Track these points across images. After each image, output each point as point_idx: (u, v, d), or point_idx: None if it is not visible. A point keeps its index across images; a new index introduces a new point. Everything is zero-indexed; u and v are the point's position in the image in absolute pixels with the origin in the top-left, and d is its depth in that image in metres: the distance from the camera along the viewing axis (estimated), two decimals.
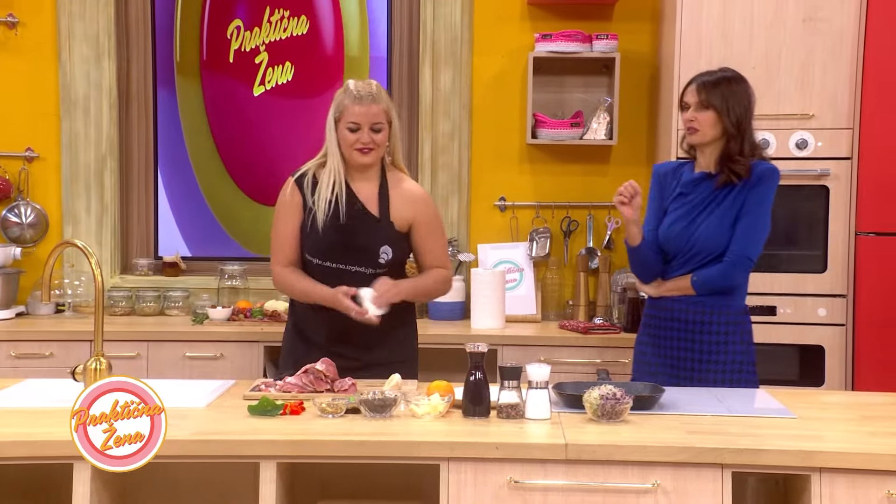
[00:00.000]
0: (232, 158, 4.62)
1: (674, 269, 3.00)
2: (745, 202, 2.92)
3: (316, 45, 4.56)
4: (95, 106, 4.41)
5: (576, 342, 3.84)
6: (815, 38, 3.71)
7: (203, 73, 4.59)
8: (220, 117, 4.62)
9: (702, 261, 2.94)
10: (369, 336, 2.95)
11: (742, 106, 2.94)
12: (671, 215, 3.01)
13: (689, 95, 2.97)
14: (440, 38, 4.33)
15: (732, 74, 2.99)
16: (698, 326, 2.93)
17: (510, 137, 4.36)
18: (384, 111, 2.96)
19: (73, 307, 4.28)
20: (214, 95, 4.60)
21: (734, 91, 2.94)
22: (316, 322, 3.00)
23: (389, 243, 2.98)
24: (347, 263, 2.97)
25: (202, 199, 4.62)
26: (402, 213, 3.01)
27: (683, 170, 3.07)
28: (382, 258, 2.97)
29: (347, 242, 2.96)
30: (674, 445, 2.19)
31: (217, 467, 2.47)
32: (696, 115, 2.94)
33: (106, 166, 4.43)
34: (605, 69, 4.25)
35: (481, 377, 2.41)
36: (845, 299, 3.75)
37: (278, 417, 2.41)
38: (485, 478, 2.20)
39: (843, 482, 2.15)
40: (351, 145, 2.93)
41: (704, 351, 2.93)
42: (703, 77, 2.99)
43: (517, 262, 4.28)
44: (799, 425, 2.39)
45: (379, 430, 2.30)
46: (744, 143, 2.93)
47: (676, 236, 2.97)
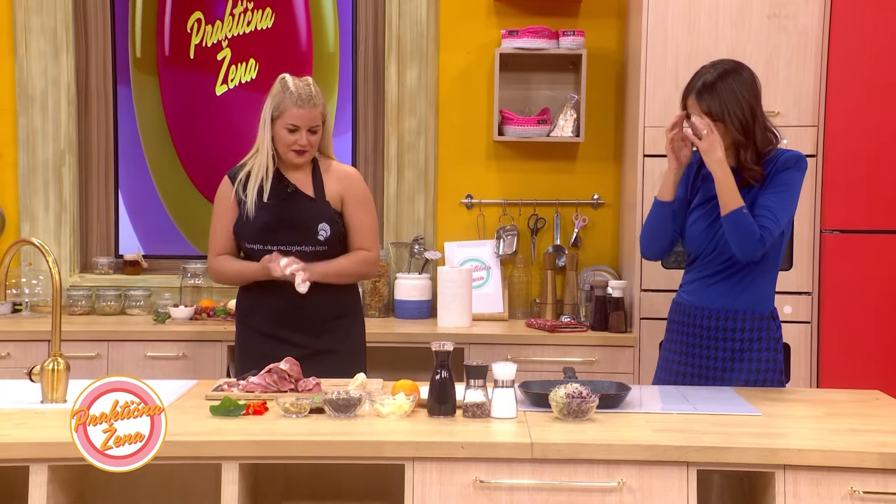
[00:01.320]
0: (192, 161, 4.54)
1: (696, 269, 2.89)
2: (769, 184, 2.76)
3: (283, 40, 4.49)
4: (53, 101, 4.36)
5: (543, 340, 3.86)
6: (780, 35, 3.76)
7: (161, 69, 4.53)
8: (180, 117, 4.54)
9: (725, 262, 2.82)
10: (315, 322, 3.04)
11: (744, 104, 2.74)
12: (692, 215, 2.88)
13: (692, 108, 2.78)
14: (406, 33, 4.33)
15: (726, 67, 2.79)
16: (721, 333, 2.84)
17: (477, 134, 4.37)
18: (321, 113, 3.06)
19: (30, 307, 4.24)
20: (173, 94, 4.53)
21: (732, 89, 2.74)
22: (259, 309, 3.10)
23: (326, 220, 3.06)
24: (287, 244, 3.04)
25: (160, 200, 4.57)
26: (334, 190, 3.10)
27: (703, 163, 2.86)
28: (321, 235, 3.04)
29: (283, 221, 3.03)
30: (639, 444, 2.21)
31: (178, 469, 2.46)
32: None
33: (64, 163, 4.39)
34: (572, 65, 4.28)
35: (447, 376, 2.42)
36: (810, 297, 3.80)
37: (241, 418, 2.40)
38: (450, 477, 2.21)
39: (807, 479, 2.18)
40: (288, 146, 3.04)
41: (727, 359, 2.85)
42: (699, 80, 2.78)
43: (484, 261, 4.29)
44: (764, 423, 2.42)
45: (343, 430, 2.30)
46: (756, 147, 2.75)
47: (699, 236, 2.85)
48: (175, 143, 4.56)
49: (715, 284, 2.86)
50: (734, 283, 2.84)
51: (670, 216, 2.88)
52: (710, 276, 2.87)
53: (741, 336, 2.85)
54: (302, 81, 3.07)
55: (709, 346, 2.87)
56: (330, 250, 3.08)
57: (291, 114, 3.02)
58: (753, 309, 2.85)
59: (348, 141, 4.47)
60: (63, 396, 2.55)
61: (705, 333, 2.87)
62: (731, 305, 2.85)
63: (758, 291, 2.86)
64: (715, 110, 2.74)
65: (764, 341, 2.86)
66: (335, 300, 3.11)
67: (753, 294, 2.85)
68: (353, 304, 3.20)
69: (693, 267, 2.92)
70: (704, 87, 2.77)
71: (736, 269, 2.83)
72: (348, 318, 3.15)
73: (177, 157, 4.56)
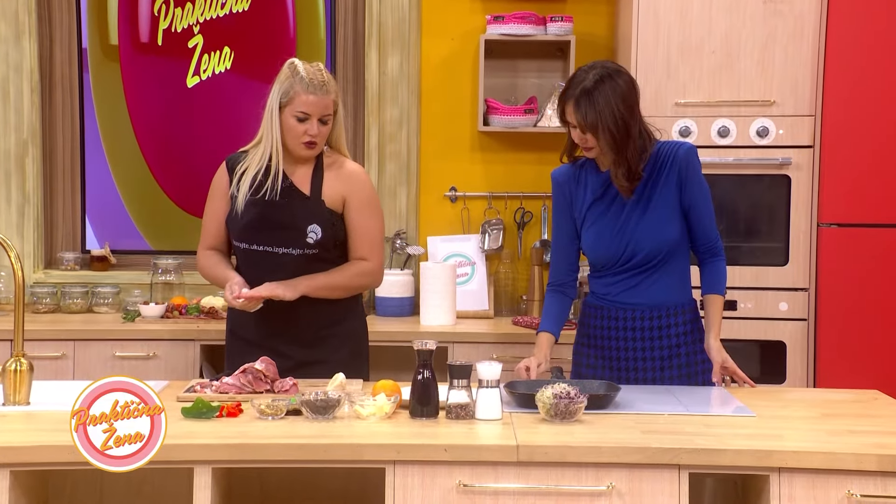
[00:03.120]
0: (159, 161, 4.47)
1: (607, 276, 2.89)
2: (691, 191, 2.81)
3: (260, 24, 4.39)
4: (15, 89, 4.33)
5: (529, 339, 3.84)
6: (776, 21, 3.77)
7: (124, 57, 4.41)
8: (146, 112, 4.45)
9: (640, 263, 2.84)
10: (307, 332, 2.94)
11: (618, 116, 2.73)
12: (594, 228, 2.88)
13: (571, 116, 2.78)
14: (387, 19, 4.32)
15: (602, 73, 2.77)
16: (655, 332, 2.87)
17: (461, 124, 4.37)
18: (334, 102, 2.92)
19: None
20: (138, 85, 4.43)
21: (608, 99, 2.73)
22: (248, 318, 2.96)
23: (318, 222, 2.90)
24: (274, 245, 2.92)
25: (119, 198, 4.51)
26: (335, 190, 2.94)
27: (586, 173, 2.91)
28: (311, 237, 2.90)
29: (270, 220, 2.90)
30: (629, 446, 2.22)
31: (148, 473, 2.44)
32: (586, 138, 2.77)
33: (27, 154, 4.36)
34: (560, 52, 4.28)
35: (429, 376, 2.42)
36: (807, 293, 3.82)
37: (214, 420, 2.40)
38: (433, 481, 2.21)
39: (802, 482, 2.19)
40: (298, 136, 2.88)
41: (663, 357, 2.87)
42: (577, 88, 2.76)
43: (468, 256, 4.29)
44: (758, 424, 2.44)
45: (322, 433, 2.30)
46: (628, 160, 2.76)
47: (608, 246, 2.85)
48: (139, 140, 4.47)
49: (638, 286, 2.87)
50: (655, 280, 2.87)
51: (563, 308, 3.00)
52: (630, 279, 2.88)
53: (675, 331, 2.88)
54: (313, 66, 2.92)
55: (643, 348, 2.88)
56: (321, 254, 2.93)
57: (301, 100, 2.84)
58: (682, 302, 2.89)
59: None
60: (26, 398, 2.54)
61: (638, 335, 2.88)
62: (661, 302, 2.87)
63: (681, 283, 2.90)
64: (591, 120, 2.74)
65: (698, 332, 2.90)
66: (328, 306, 2.95)
67: (679, 287, 2.89)
68: (349, 309, 3.03)
69: (604, 273, 2.91)
70: (583, 93, 2.75)
71: (653, 268, 2.86)
72: (344, 324, 3.01)
73: (141, 156, 4.48)
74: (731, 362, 2.84)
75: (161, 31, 4.43)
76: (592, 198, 2.89)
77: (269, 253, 2.92)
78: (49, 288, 4.23)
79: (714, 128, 3.83)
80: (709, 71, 3.81)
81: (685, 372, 2.89)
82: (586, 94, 2.75)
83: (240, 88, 4.42)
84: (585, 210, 2.91)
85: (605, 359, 2.93)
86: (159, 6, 4.41)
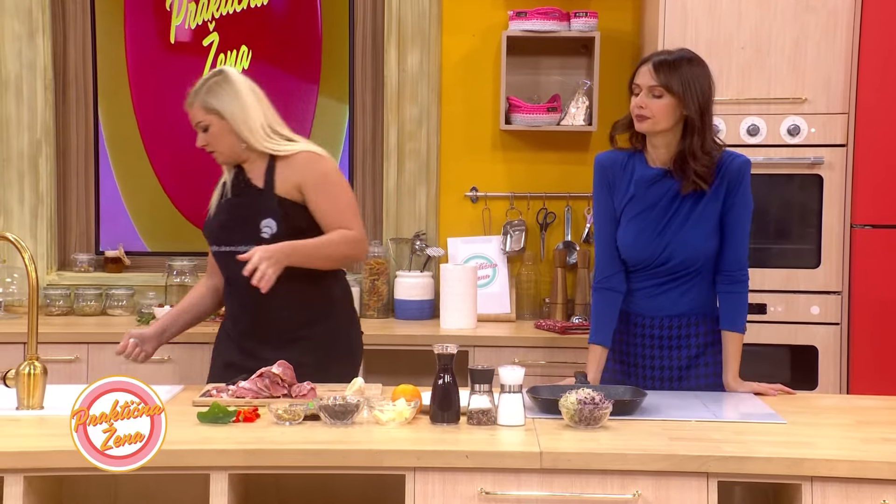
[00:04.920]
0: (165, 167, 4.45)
1: (640, 278, 2.87)
2: (733, 206, 2.79)
3: (281, 19, 4.36)
4: (29, 87, 4.36)
5: (552, 343, 3.86)
6: (808, 16, 3.75)
7: (130, 56, 4.38)
8: (153, 116, 4.41)
9: (674, 269, 2.82)
10: (281, 333, 2.96)
11: (705, 93, 2.75)
12: (633, 225, 2.84)
13: (642, 77, 2.76)
14: (407, 15, 4.33)
15: (692, 55, 2.81)
16: (676, 342, 2.86)
17: (482, 123, 4.37)
18: (202, 109, 2.94)
19: (4, 307, 4.24)
20: (146, 87, 4.39)
21: (696, 75, 2.75)
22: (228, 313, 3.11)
23: (272, 215, 2.92)
24: (231, 244, 2.96)
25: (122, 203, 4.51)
26: (288, 179, 2.94)
27: (634, 163, 2.86)
28: (265, 232, 2.90)
29: (228, 219, 3.00)
30: (656, 453, 2.21)
31: (164, 479, 2.46)
32: (649, 103, 2.74)
33: (41, 153, 4.39)
34: (584, 49, 4.28)
35: (450, 380, 2.42)
36: (840, 296, 3.80)
37: (230, 425, 2.41)
38: (454, 488, 2.21)
39: (836, 491, 2.18)
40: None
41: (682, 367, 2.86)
42: (659, 56, 2.79)
43: (490, 258, 4.30)
44: (789, 431, 2.43)
45: (340, 438, 2.30)
46: (705, 136, 2.74)
47: (646, 246, 2.82)
48: (146, 146, 4.45)
49: (665, 293, 2.86)
50: (685, 290, 2.85)
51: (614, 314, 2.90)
52: (658, 286, 2.86)
53: (696, 342, 2.86)
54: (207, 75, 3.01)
55: (661, 357, 2.87)
56: None
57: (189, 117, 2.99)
58: (706, 313, 2.87)
59: (345, 129, 4.47)
60: (40, 402, 2.56)
61: (656, 343, 2.87)
62: (686, 311, 2.85)
63: (709, 294, 2.88)
64: (674, 86, 2.72)
65: (719, 344, 2.88)
66: (300, 303, 2.95)
67: (706, 297, 2.87)
68: (324, 307, 3.01)
69: (635, 275, 2.88)
70: (666, 62, 2.76)
71: (685, 276, 2.84)
72: (319, 325, 2.99)
73: (149, 164, 4.47)
74: (757, 387, 2.82)
75: (173, 28, 4.40)
76: (634, 191, 2.84)
77: (232, 252, 2.93)
78: (62, 290, 4.27)
79: (743, 126, 3.82)
80: (738, 68, 3.79)
81: (703, 383, 2.86)
82: (669, 63, 2.75)
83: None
84: (624, 203, 2.86)
85: (622, 363, 2.93)
86: (171, 1, 4.38)
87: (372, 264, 4.25)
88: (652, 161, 2.85)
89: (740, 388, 2.81)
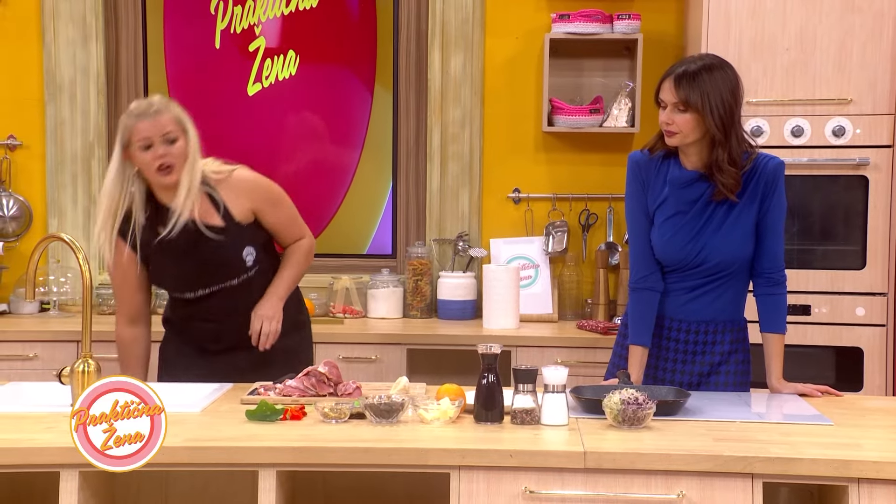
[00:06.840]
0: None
1: (671, 280, 2.84)
2: (770, 209, 2.76)
3: (332, 23, 4.34)
4: (82, 91, 4.43)
5: (595, 343, 3.84)
6: (854, 16, 3.71)
7: (169, 63, 4.38)
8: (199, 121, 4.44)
9: (707, 272, 2.78)
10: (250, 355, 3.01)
11: (726, 103, 2.68)
12: (667, 226, 2.80)
13: (665, 93, 2.72)
14: (450, 18, 4.34)
15: (713, 61, 2.73)
16: (701, 347, 2.83)
17: (525, 125, 4.36)
18: (174, 120, 2.90)
19: (58, 306, 4.31)
20: (188, 91, 4.37)
21: (717, 85, 2.68)
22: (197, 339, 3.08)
23: (248, 244, 2.98)
24: (212, 284, 2.98)
25: None
26: (240, 205, 2.97)
27: (669, 164, 2.81)
28: (248, 260, 2.98)
29: (207, 262, 2.94)
30: (700, 453, 2.19)
31: (213, 476, 2.49)
32: (675, 118, 2.69)
33: (93, 155, 4.45)
34: (627, 51, 4.26)
35: (494, 380, 2.42)
36: (886, 298, 3.75)
37: (278, 423, 2.43)
38: (498, 487, 2.22)
39: (883, 493, 2.15)
40: (149, 165, 2.86)
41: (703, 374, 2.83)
42: (680, 67, 2.72)
43: (532, 258, 4.29)
44: (835, 432, 2.40)
45: (385, 437, 2.31)
46: (731, 148, 2.69)
47: (681, 248, 2.79)
48: None
49: (697, 298, 2.82)
50: (717, 294, 2.81)
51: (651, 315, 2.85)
52: (690, 290, 2.82)
53: (721, 349, 2.83)
54: (146, 99, 2.96)
55: (684, 361, 2.84)
56: (260, 269, 3.01)
57: (137, 130, 2.85)
58: (734, 319, 2.84)
59: (390, 132, 4.49)
60: None
61: (682, 347, 2.84)
62: (714, 318, 2.82)
63: (738, 300, 2.85)
64: (693, 101, 2.67)
65: (741, 353, 2.85)
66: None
67: (735, 304, 2.84)
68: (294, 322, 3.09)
69: (669, 276, 2.84)
70: (685, 75, 2.70)
71: (718, 279, 2.80)
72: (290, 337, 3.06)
73: None
74: (801, 388, 2.79)
75: (218, 32, 4.39)
76: (668, 192, 2.80)
77: (211, 293, 2.99)
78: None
79: (787, 127, 3.78)
80: (782, 68, 3.76)
81: (721, 391, 2.82)
82: (690, 76, 2.69)
83: (305, 97, 4.37)
84: (658, 203, 2.83)
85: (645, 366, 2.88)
86: (216, 4, 4.36)
87: (415, 265, 4.26)
88: (686, 162, 2.81)
89: (784, 390, 2.78)
